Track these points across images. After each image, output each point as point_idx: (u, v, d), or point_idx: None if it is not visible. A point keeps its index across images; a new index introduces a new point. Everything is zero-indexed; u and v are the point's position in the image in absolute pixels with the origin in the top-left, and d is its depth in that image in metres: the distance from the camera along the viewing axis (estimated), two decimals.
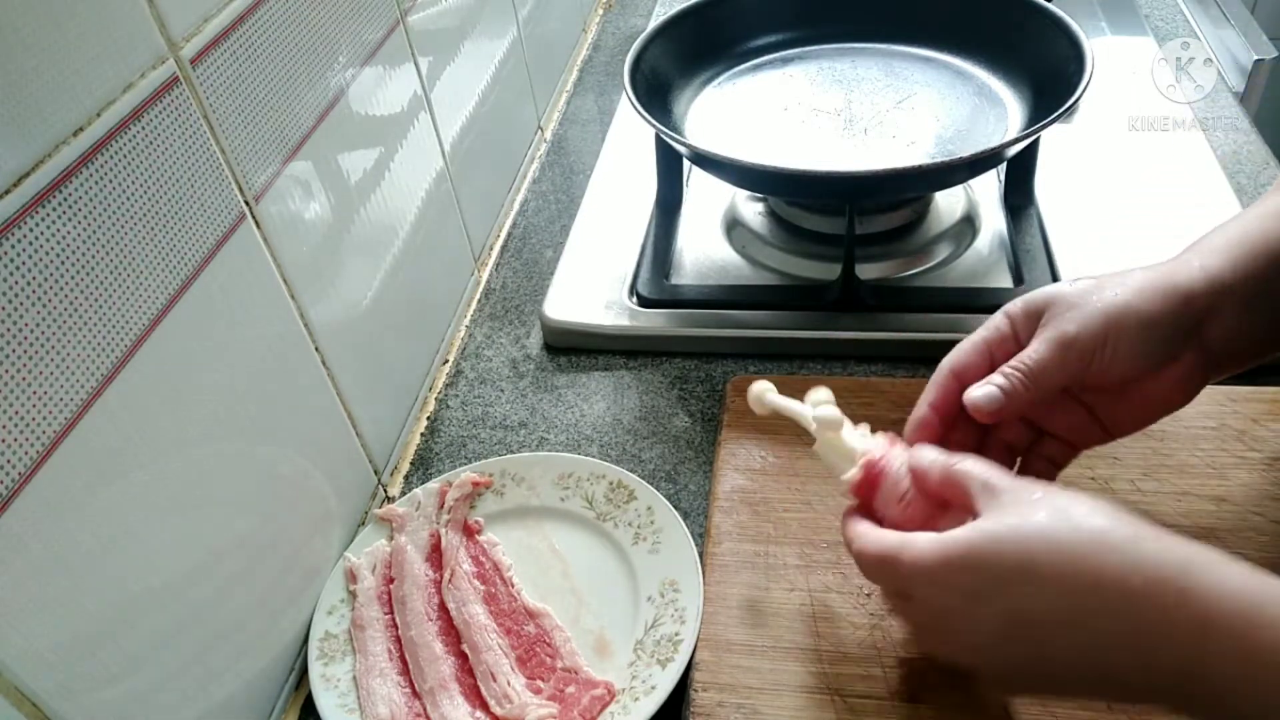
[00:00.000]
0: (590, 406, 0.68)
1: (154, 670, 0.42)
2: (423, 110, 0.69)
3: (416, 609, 0.54)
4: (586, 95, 1.06)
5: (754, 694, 0.47)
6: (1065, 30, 0.72)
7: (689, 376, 0.69)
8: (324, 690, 0.52)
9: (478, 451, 0.66)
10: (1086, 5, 1.03)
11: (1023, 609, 0.37)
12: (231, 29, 0.46)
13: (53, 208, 0.36)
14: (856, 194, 0.69)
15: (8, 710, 0.35)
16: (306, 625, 0.55)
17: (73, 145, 0.37)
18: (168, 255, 0.42)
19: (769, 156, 0.65)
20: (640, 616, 0.53)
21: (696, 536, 0.56)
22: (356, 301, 0.60)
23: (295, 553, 0.54)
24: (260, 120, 0.49)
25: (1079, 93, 0.65)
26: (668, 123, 0.74)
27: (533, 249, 0.84)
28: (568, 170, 0.94)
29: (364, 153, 0.61)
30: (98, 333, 0.38)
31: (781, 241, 0.76)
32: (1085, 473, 0.55)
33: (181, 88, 0.43)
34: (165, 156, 0.42)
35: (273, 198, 0.50)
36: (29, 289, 0.35)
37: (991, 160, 0.67)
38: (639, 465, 0.63)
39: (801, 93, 0.81)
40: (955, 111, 0.77)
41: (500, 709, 0.49)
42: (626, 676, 0.50)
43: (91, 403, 0.38)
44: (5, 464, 0.34)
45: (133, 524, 0.41)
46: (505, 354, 0.74)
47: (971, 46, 0.81)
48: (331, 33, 0.55)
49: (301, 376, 0.54)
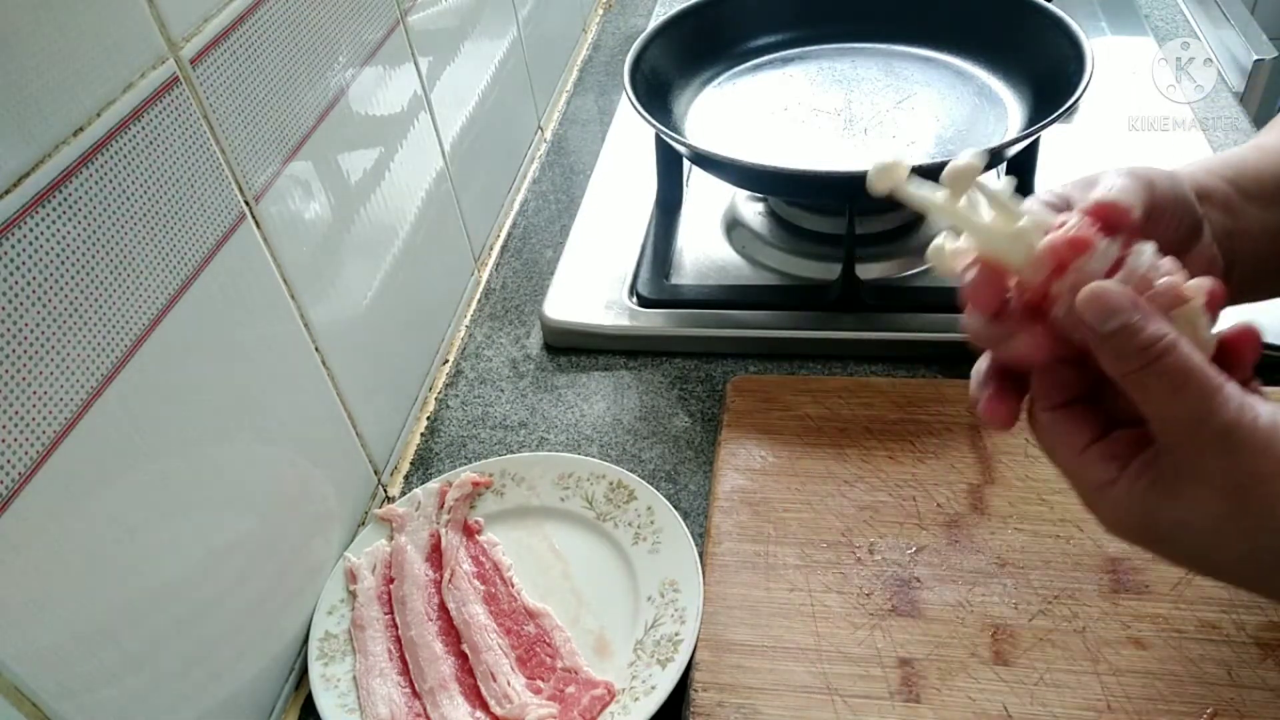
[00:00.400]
0: (590, 406, 0.68)
1: (154, 670, 0.42)
2: (423, 110, 0.69)
3: (416, 609, 0.54)
4: (586, 95, 1.06)
5: (754, 694, 0.47)
6: (1065, 30, 0.72)
7: (689, 376, 0.69)
8: (324, 690, 0.52)
9: (478, 451, 0.66)
10: (1086, 5, 1.03)
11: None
12: (231, 29, 0.46)
13: (53, 208, 0.36)
14: (856, 194, 0.68)
15: (8, 710, 0.35)
16: (306, 625, 0.55)
17: (73, 145, 0.37)
18: (168, 255, 0.42)
19: (769, 156, 0.65)
20: (640, 616, 0.53)
21: (696, 536, 0.56)
22: (356, 301, 0.60)
23: (295, 553, 0.54)
24: (260, 120, 0.49)
25: (1079, 93, 0.65)
26: (668, 123, 0.74)
27: (533, 249, 0.84)
28: (568, 170, 0.94)
29: (364, 153, 0.61)
30: (98, 333, 0.38)
31: (781, 241, 0.76)
32: None
33: (181, 88, 0.43)
34: (165, 156, 0.42)
35: (273, 198, 0.50)
36: (29, 289, 0.35)
37: (991, 160, 0.67)
38: (639, 465, 0.63)
39: (801, 93, 0.81)
40: (955, 111, 0.77)
41: (500, 709, 0.49)
42: (626, 676, 0.50)
43: (91, 403, 0.38)
44: (5, 464, 0.34)
45: (133, 524, 0.41)
46: (505, 354, 0.74)
47: (971, 46, 0.81)
48: (331, 33, 0.55)
49: (301, 376, 0.54)
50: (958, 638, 0.48)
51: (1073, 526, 0.53)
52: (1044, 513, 0.53)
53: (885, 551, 0.53)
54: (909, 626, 0.49)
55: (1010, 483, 0.55)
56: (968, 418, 0.59)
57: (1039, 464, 0.56)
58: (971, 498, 0.55)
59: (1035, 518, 0.53)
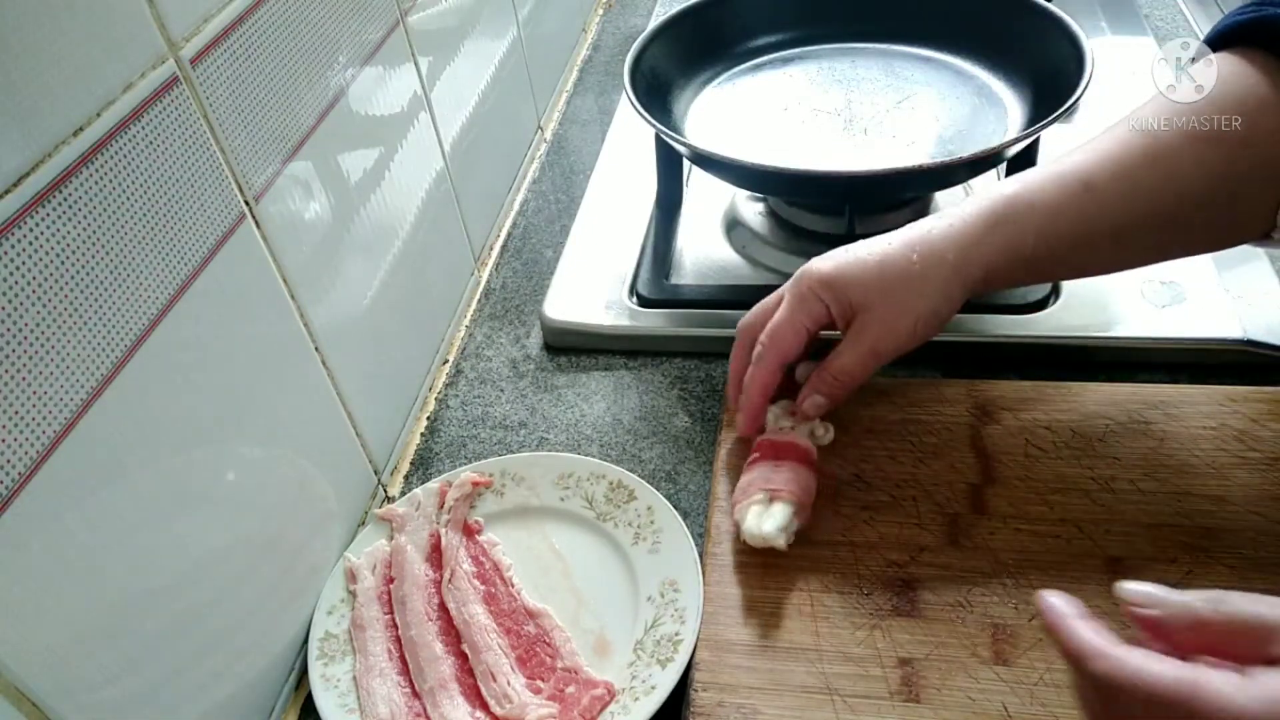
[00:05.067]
0: (590, 406, 0.68)
1: (154, 670, 0.42)
2: (423, 110, 0.69)
3: (416, 609, 0.54)
4: (586, 95, 1.06)
5: (754, 694, 0.47)
6: (1065, 30, 0.72)
7: (689, 376, 0.69)
8: (324, 690, 0.52)
9: (478, 451, 0.66)
10: (1086, 5, 1.03)
11: None
12: (231, 29, 0.46)
13: (53, 208, 0.36)
14: (856, 194, 0.69)
15: (8, 710, 0.35)
16: (306, 625, 0.55)
17: (73, 145, 0.37)
18: (168, 255, 0.42)
19: (769, 156, 0.65)
20: (640, 616, 0.53)
21: (696, 536, 0.56)
22: (356, 301, 0.60)
23: (295, 553, 0.54)
24: (260, 120, 0.49)
25: (1079, 93, 0.65)
26: (668, 123, 0.74)
27: (533, 249, 0.84)
28: (568, 170, 0.94)
29: (364, 153, 0.61)
30: (98, 333, 0.38)
31: (781, 241, 0.76)
32: (1086, 473, 0.55)
33: (181, 88, 0.43)
34: (165, 156, 0.42)
35: (273, 198, 0.50)
36: (29, 289, 0.35)
37: (991, 160, 0.67)
38: (639, 465, 0.63)
39: (801, 93, 0.81)
40: (955, 111, 0.77)
41: (500, 709, 0.49)
42: (626, 676, 0.50)
43: (91, 403, 0.38)
44: (5, 464, 0.34)
45: (133, 524, 0.41)
46: (505, 354, 0.74)
47: (971, 46, 0.81)
48: (331, 33, 0.55)
49: (301, 376, 0.54)
50: (958, 638, 0.48)
51: (1073, 526, 0.53)
52: (1044, 513, 0.53)
53: (885, 551, 0.53)
54: (909, 626, 0.49)
55: (1010, 483, 0.55)
56: (968, 418, 0.59)
57: (1039, 464, 0.56)
58: (971, 498, 0.55)
59: (1035, 518, 0.53)
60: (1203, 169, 0.49)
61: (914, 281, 0.52)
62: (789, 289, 0.56)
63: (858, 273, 0.53)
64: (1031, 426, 0.58)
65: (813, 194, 0.74)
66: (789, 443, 0.55)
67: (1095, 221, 0.51)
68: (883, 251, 0.53)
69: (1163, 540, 0.51)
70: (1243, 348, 0.63)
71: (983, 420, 0.59)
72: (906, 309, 0.53)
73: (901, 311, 0.53)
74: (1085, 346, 0.65)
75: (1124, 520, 0.53)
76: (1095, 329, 0.65)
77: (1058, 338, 0.65)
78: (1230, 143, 0.48)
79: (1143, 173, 0.50)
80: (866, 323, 0.53)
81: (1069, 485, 0.55)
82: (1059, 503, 0.54)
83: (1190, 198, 0.50)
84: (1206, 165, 0.49)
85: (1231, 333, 0.63)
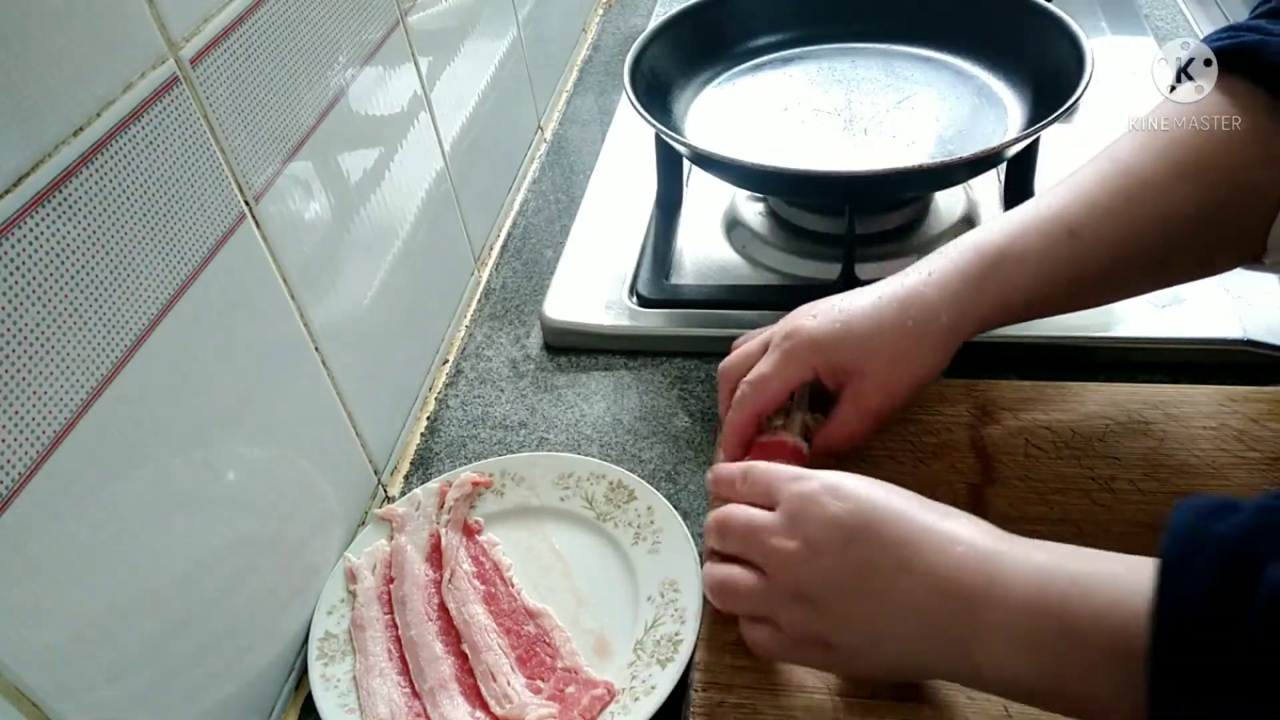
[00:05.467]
0: (590, 406, 0.68)
1: (154, 670, 0.42)
2: (423, 110, 0.69)
3: (416, 609, 0.54)
4: (586, 95, 1.06)
5: (754, 694, 0.47)
6: (1065, 30, 0.72)
7: (689, 376, 0.69)
8: (324, 690, 0.52)
9: (478, 451, 0.66)
10: (1086, 5, 1.03)
11: (866, 559, 0.41)
12: (231, 29, 0.46)
13: (53, 208, 0.36)
14: (856, 194, 0.69)
15: (8, 710, 0.35)
16: (306, 625, 0.55)
17: (73, 145, 0.37)
18: (168, 255, 0.42)
19: (769, 156, 0.65)
20: (640, 616, 0.53)
21: (696, 536, 0.56)
22: (356, 301, 0.60)
23: (295, 553, 0.54)
24: (260, 120, 0.49)
25: (1079, 93, 0.65)
26: (668, 123, 0.74)
27: (533, 249, 0.84)
28: (568, 170, 0.94)
29: (364, 153, 0.61)
30: (98, 333, 0.38)
31: (781, 241, 0.76)
32: (1086, 473, 0.55)
33: (181, 88, 0.43)
34: (165, 156, 0.42)
35: (273, 198, 0.50)
36: (29, 289, 0.35)
37: (991, 160, 0.67)
38: (639, 465, 0.63)
39: (801, 93, 0.81)
40: (955, 111, 0.77)
41: (500, 709, 0.49)
42: (626, 676, 0.50)
43: (91, 403, 0.38)
44: (5, 464, 0.34)
45: (133, 524, 0.41)
46: (505, 354, 0.74)
47: (971, 46, 0.81)
48: (331, 33, 0.55)
49: (301, 376, 0.54)
50: None
51: (1073, 526, 0.53)
52: (1044, 513, 0.53)
53: None
54: None
55: (1010, 483, 0.55)
56: (968, 418, 0.59)
57: (1039, 464, 0.56)
58: (971, 498, 0.55)
59: (1035, 518, 0.53)
60: (1187, 203, 0.49)
61: (909, 344, 0.52)
62: (777, 343, 0.54)
63: (849, 336, 0.52)
64: (1031, 426, 0.58)
65: (813, 194, 0.74)
66: (778, 442, 0.55)
67: (1085, 266, 0.51)
68: (875, 313, 0.52)
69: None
70: (1243, 348, 0.63)
71: (983, 420, 0.59)
72: (904, 372, 0.52)
73: (899, 375, 0.52)
74: (1085, 346, 0.65)
75: (1124, 520, 0.52)
76: (1095, 329, 0.65)
77: (1058, 338, 0.65)
78: (1212, 175, 0.48)
79: (1127, 213, 0.50)
80: (863, 388, 0.53)
81: (1069, 485, 0.55)
82: (1059, 503, 0.54)
83: (1177, 234, 0.50)
84: (1191, 199, 0.49)
85: (1231, 333, 0.63)
